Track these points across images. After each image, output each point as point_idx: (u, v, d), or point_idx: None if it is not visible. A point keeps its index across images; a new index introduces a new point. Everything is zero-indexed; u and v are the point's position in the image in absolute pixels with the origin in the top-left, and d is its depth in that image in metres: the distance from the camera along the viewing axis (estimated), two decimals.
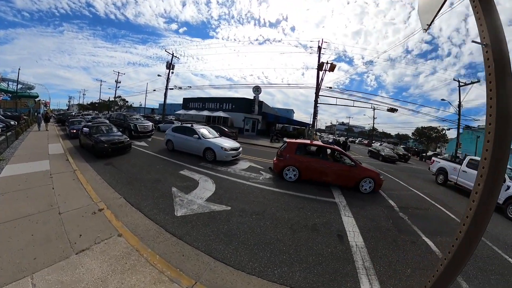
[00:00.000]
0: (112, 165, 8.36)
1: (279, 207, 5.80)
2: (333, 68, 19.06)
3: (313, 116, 22.71)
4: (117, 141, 10.31)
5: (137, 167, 8.21)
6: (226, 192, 6.42)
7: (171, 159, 9.91)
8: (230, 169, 9.06)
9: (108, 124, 12.66)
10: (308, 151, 9.55)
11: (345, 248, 4.26)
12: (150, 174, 7.45)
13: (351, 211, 6.10)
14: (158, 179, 7.02)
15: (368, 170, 8.53)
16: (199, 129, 11.43)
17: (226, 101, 34.92)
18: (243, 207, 5.51)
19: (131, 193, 5.76)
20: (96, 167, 7.88)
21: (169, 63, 30.24)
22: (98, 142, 9.78)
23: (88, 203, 4.97)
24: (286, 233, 4.56)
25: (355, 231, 4.96)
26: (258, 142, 23.62)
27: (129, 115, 18.97)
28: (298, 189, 7.43)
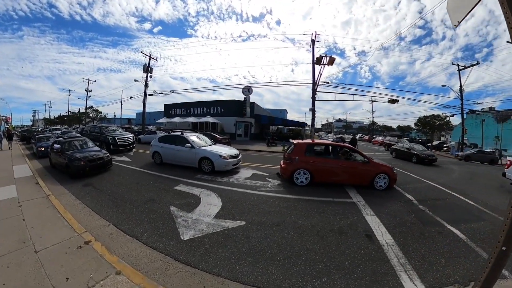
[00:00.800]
0: (92, 186, 7.81)
1: (298, 214, 5.64)
2: (332, 62, 19.12)
3: (312, 114, 22.60)
4: (96, 157, 9.70)
5: (123, 187, 7.71)
6: (236, 205, 6.04)
7: (161, 173, 9.43)
8: (232, 179, 8.68)
9: (82, 139, 12.01)
10: (318, 151, 9.41)
11: (377, 247, 4.37)
12: (141, 193, 6.96)
13: (372, 210, 6.26)
14: (151, 198, 6.53)
15: (382, 165, 8.63)
16: (190, 137, 11.00)
17: (214, 104, 34.50)
18: (259, 220, 5.18)
19: (122, 217, 5.26)
20: (73, 190, 7.32)
21: (146, 66, 29.54)
22: (73, 159, 9.17)
23: (70, 235, 4.43)
24: (314, 240, 4.43)
25: (381, 229, 5.11)
26: (253, 147, 23.32)
27: (105, 127, 18.30)
28: (312, 193, 7.35)
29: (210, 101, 35.65)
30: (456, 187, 9.66)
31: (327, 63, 19.52)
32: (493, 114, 52.37)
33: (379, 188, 8.23)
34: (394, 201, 7.09)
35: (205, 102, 35.92)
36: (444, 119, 45.73)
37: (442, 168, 15.06)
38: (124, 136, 16.63)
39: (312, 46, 21.97)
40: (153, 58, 30.18)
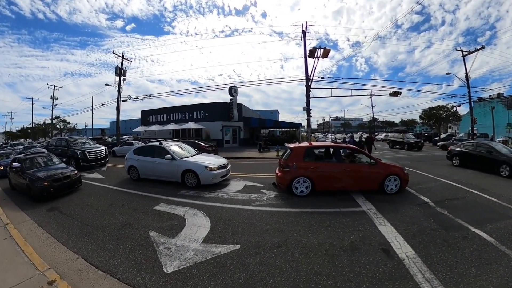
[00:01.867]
0: (58, 210, 7.50)
1: (301, 231, 5.45)
2: (327, 53, 19.21)
3: (307, 114, 22.54)
4: (61, 176, 9.33)
5: (94, 210, 7.40)
6: (227, 225, 5.80)
7: (138, 191, 9.17)
8: (222, 194, 8.47)
9: (46, 155, 11.63)
10: (318, 155, 9.30)
11: (397, 263, 4.21)
12: (115, 217, 6.66)
13: (386, 218, 6.17)
14: (127, 222, 6.25)
15: (391, 166, 8.59)
16: (170, 147, 10.73)
17: (197, 108, 34.30)
18: (256, 241, 4.96)
19: (93, 248, 4.96)
20: (36, 217, 7.01)
21: (119, 68, 28.85)
22: (35, 180, 8.79)
23: (31, 274, 4.11)
24: (324, 262, 4.23)
25: (399, 240, 4.99)
26: (244, 154, 23.22)
27: (73, 139, 17.89)
28: (315, 204, 7.21)
29: (193, 105, 35.55)
30: (472, 182, 9.80)
31: (321, 55, 19.53)
32: (502, 100, 53.63)
33: (390, 192, 8.13)
34: (408, 205, 7.04)
35: (187, 107, 35.77)
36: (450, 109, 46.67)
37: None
38: (95, 150, 16.30)
39: (303, 39, 22.03)
40: (126, 59, 29.64)
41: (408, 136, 30.12)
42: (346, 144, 13.72)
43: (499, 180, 10.59)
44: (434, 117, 48.54)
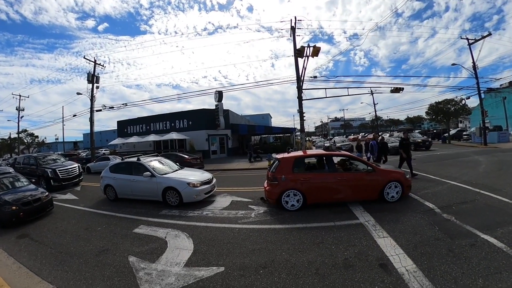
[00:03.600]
0: (29, 237, 7.63)
1: (291, 249, 5.68)
2: (317, 52, 19.63)
3: (300, 118, 22.93)
4: (31, 199, 9.47)
5: (68, 235, 7.57)
6: (211, 246, 6.05)
7: (116, 213, 9.37)
8: (206, 212, 8.75)
9: (13, 175, 11.67)
10: (309, 165, 9.64)
11: (395, 279, 4.31)
12: (91, 243, 6.85)
13: (385, 229, 6.35)
14: (105, 247, 6.45)
15: (391, 172, 8.87)
16: (149, 163, 10.94)
17: (180, 117, 34.48)
18: (242, 263, 5.20)
19: (68, 277, 5.16)
20: (5, 245, 7.12)
21: (91, 75, 28.93)
22: (2, 204, 8.88)
23: None
24: (313, 282, 4.39)
25: (399, 254, 5.12)
26: (232, 165, 23.54)
27: (42, 156, 18.00)
28: (307, 219, 7.47)
29: (175, 113, 35.68)
30: (484, 183, 10.14)
31: (310, 54, 19.92)
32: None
33: (391, 200, 8.39)
34: (411, 213, 7.23)
35: (168, 115, 35.86)
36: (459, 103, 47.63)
37: (465, 162, 15.62)
38: (67, 168, 16.39)
39: (293, 35, 22.41)
40: (99, 64, 29.73)
41: (415, 135, 30.59)
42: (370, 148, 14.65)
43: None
44: (442, 112, 49.29)
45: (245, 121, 45.36)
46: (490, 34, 28.77)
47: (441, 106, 48.35)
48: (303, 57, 20.23)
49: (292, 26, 22.41)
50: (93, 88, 29.17)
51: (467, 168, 13.58)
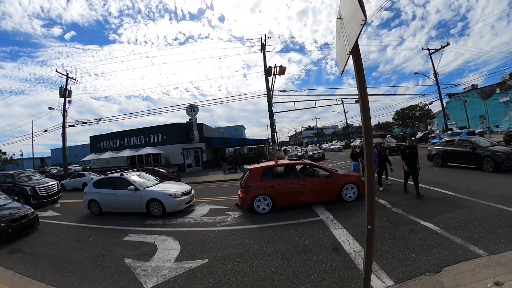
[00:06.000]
0: (22, 252, 7.97)
1: (261, 242, 6.81)
2: (283, 71, 21.22)
3: (271, 130, 24.25)
4: (19, 215, 9.63)
5: (62, 247, 8.07)
6: (195, 245, 7.01)
7: (104, 225, 9.95)
8: (188, 219, 9.64)
9: None
10: (276, 173, 10.80)
11: (344, 258, 5.50)
12: (86, 251, 7.49)
13: (340, 223, 7.61)
14: (100, 254, 7.15)
15: (347, 176, 10.23)
16: (132, 178, 11.64)
17: (154, 131, 34.74)
18: (222, 255, 6.23)
19: (72, 280, 5.82)
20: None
21: (63, 89, 28.12)
22: None
23: None
24: (280, 263, 5.53)
25: (349, 240, 6.36)
26: (208, 177, 24.25)
27: (17, 174, 17.56)
28: (276, 219, 8.61)
29: (149, 128, 35.79)
30: (435, 180, 11.59)
31: (278, 73, 21.57)
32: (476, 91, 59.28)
33: (349, 199, 9.73)
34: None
35: (142, 130, 35.94)
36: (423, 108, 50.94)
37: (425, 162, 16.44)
38: (46, 185, 16.34)
39: (263, 52, 23.78)
40: (71, 78, 29.10)
41: (389, 140, 32.43)
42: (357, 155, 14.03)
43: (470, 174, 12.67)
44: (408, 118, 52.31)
45: (219, 134, 46.14)
46: (448, 44, 32.01)
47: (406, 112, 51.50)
48: (271, 75, 21.79)
49: (262, 43, 23.73)
50: (65, 102, 28.47)
51: (425, 168, 14.68)
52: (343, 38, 3.12)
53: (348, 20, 2.83)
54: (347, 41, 2.93)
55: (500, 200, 8.00)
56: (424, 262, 4.94)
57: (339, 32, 3.29)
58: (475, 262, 4.71)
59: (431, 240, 5.87)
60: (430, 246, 5.57)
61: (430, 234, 6.24)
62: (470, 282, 4.12)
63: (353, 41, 2.72)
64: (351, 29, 2.76)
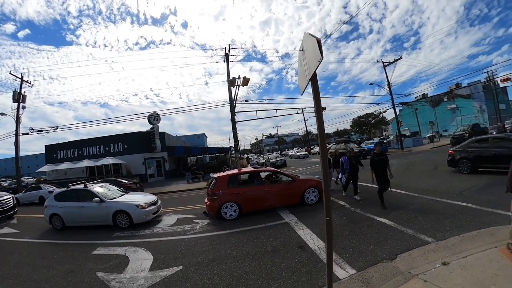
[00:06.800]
0: None
1: (232, 246, 7.20)
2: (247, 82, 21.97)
3: (234, 139, 24.65)
4: None
5: (26, 266, 7.70)
6: (168, 254, 7.18)
7: (69, 240, 9.67)
8: (157, 230, 9.71)
9: None
10: (241, 181, 11.24)
11: (310, 254, 6.10)
12: (54, 268, 7.23)
13: (304, 224, 8.26)
14: (70, 270, 6.98)
15: (308, 180, 10.89)
16: (97, 189, 11.43)
17: (115, 140, 33.65)
18: (195, 261, 6.51)
19: None
20: None
21: (17, 93, 26.26)
22: None
23: None
24: (251, 264, 5.97)
25: (313, 238, 7.01)
26: (172, 187, 24.10)
27: None
28: (243, 224, 9.06)
29: (109, 136, 34.66)
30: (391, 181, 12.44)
31: (241, 84, 22.24)
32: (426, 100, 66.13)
33: (311, 202, 10.44)
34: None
35: (102, 139, 34.54)
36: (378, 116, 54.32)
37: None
38: (0, 199, 15.22)
39: (227, 62, 24.24)
40: (26, 81, 27.27)
41: (351, 146, 34.01)
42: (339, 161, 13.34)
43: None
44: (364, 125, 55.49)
45: (181, 143, 45.60)
46: (401, 57, 35.25)
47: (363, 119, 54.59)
48: (235, 86, 22.37)
49: (226, 53, 24.20)
50: (18, 107, 26.75)
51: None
52: (304, 66, 3.63)
53: (308, 55, 3.35)
54: (307, 70, 3.45)
55: None
56: (381, 252, 5.68)
57: (301, 61, 3.78)
58: (425, 248, 5.53)
59: (386, 233, 6.72)
60: (385, 238, 6.40)
61: (385, 228, 7.12)
62: (421, 264, 4.83)
63: (311, 72, 3.24)
64: (310, 62, 3.28)
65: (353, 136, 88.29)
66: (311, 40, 3.10)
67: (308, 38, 3.27)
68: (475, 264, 4.46)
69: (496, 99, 50.64)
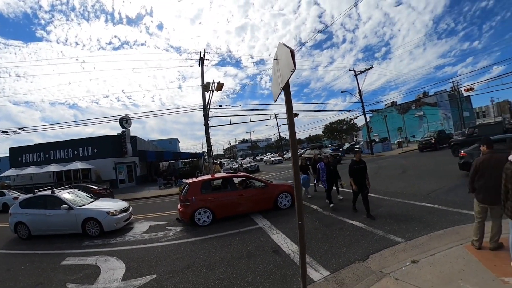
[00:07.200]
0: None
1: (206, 253, 7.17)
2: (221, 88, 22.03)
3: (207, 144, 24.55)
4: None
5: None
6: (141, 262, 7.01)
7: (35, 250, 9.21)
8: (129, 237, 9.48)
9: None
10: (215, 186, 11.27)
11: (284, 258, 6.20)
12: (21, 281, 6.85)
13: (278, 229, 8.40)
14: (38, 282, 6.66)
15: (281, 186, 11.07)
16: (65, 196, 10.93)
17: (84, 143, 32.13)
18: (169, 269, 6.41)
19: None
20: None
21: None
22: None
23: None
24: (226, 270, 5.98)
25: (287, 242, 7.12)
26: (143, 193, 23.62)
27: None
28: (217, 230, 9.06)
29: (78, 140, 33.02)
30: None
31: (215, 89, 22.25)
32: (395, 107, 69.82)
33: (284, 207, 10.61)
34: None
35: (70, 142, 32.80)
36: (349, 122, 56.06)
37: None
38: None
39: (201, 66, 24.06)
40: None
41: (326, 151, 34.59)
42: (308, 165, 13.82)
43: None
44: (336, 131, 57.03)
45: (153, 147, 44.62)
46: (372, 67, 36.99)
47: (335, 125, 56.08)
48: (209, 91, 22.36)
49: (201, 57, 24.03)
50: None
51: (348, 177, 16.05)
52: (277, 75, 3.75)
53: (282, 64, 3.47)
54: (280, 79, 3.57)
55: None
56: (354, 253, 5.89)
57: (275, 69, 3.90)
58: (395, 248, 5.84)
59: (358, 235, 6.99)
60: (357, 240, 6.66)
61: (357, 230, 7.40)
62: (392, 263, 5.11)
63: (284, 81, 3.37)
64: (283, 71, 3.41)
65: (325, 141, 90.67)
66: (285, 50, 3.23)
67: (282, 48, 3.39)
68: (442, 261, 4.83)
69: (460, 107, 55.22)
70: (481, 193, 4.91)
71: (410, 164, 21.26)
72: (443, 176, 13.54)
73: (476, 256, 4.79)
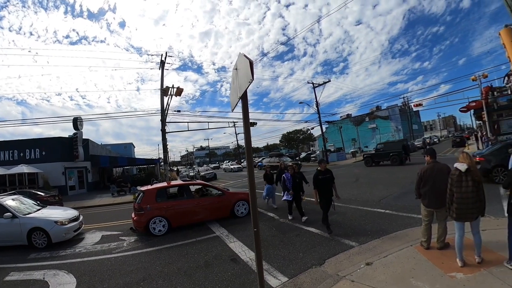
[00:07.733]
0: None
1: (162, 263, 7.00)
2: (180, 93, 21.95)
3: (164, 150, 23.99)
4: None
5: None
6: (93, 276, 6.64)
7: None
8: (79, 249, 8.97)
9: None
10: (170, 194, 11.07)
11: (242, 266, 6.25)
12: None
13: (235, 237, 8.44)
14: None
15: (238, 194, 11.17)
16: (7, 203, 9.97)
17: (31, 145, 29.10)
18: (124, 282, 6.13)
19: None
20: None
21: None
22: None
23: None
24: (184, 280, 5.88)
25: (244, 250, 7.19)
26: (95, 201, 22.47)
27: None
28: (173, 239, 8.91)
29: (24, 140, 30.01)
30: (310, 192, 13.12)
31: (174, 93, 22.05)
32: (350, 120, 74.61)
33: (241, 215, 10.69)
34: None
35: (16, 143, 29.55)
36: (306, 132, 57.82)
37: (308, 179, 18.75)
38: None
39: (162, 70, 23.70)
40: None
41: (285, 159, 35.14)
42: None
43: None
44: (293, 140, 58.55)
45: (106, 152, 42.41)
46: (329, 80, 39.67)
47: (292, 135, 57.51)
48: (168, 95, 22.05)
49: (162, 60, 23.70)
50: None
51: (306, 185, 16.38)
52: (236, 84, 3.84)
53: (241, 74, 3.57)
54: (238, 88, 3.68)
55: None
56: (310, 258, 6.12)
57: (234, 79, 4.00)
58: (350, 252, 6.20)
59: (314, 241, 7.28)
60: (313, 245, 6.92)
61: (313, 236, 7.68)
62: (347, 266, 5.41)
63: (242, 91, 3.49)
64: (242, 81, 3.52)
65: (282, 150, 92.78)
66: (245, 61, 3.33)
67: (242, 59, 3.49)
68: (395, 262, 5.24)
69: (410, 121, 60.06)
70: (426, 198, 5.46)
71: (363, 173, 22.65)
72: (392, 183, 14.74)
73: (425, 255, 5.31)
